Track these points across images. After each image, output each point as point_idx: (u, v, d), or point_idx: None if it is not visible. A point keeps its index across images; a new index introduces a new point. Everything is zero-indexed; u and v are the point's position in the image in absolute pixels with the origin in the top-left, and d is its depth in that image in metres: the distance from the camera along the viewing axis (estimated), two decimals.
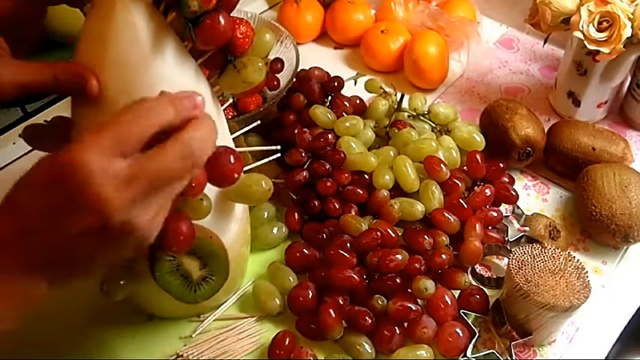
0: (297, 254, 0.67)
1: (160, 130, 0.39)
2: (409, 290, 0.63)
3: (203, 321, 0.63)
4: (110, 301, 0.53)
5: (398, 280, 0.62)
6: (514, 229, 0.72)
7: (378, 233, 0.65)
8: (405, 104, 0.81)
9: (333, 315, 0.60)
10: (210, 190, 0.50)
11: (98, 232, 0.37)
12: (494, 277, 0.68)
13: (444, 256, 0.65)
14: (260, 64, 0.52)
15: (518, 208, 0.73)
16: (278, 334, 0.60)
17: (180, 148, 0.39)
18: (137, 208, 0.37)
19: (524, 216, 0.73)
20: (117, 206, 0.36)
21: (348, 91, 0.84)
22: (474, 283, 0.66)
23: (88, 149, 0.36)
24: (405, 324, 0.62)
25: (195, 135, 0.40)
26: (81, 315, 0.64)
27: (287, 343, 0.60)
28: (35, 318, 0.64)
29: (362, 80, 0.85)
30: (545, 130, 0.78)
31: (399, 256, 0.63)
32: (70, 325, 0.63)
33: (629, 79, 0.85)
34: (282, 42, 0.86)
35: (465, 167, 0.75)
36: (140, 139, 0.38)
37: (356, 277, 0.62)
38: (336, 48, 1.02)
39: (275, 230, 0.70)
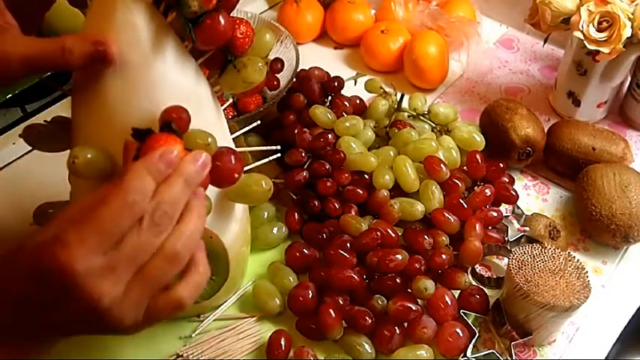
0: (297, 254, 0.67)
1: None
2: (409, 290, 0.63)
3: (203, 321, 0.63)
4: None
5: (398, 280, 0.62)
6: (514, 229, 0.72)
7: (378, 233, 0.65)
8: (405, 104, 0.81)
9: (333, 315, 0.60)
10: (210, 190, 0.50)
11: (84, 316, 0.38)
12: (494, 277, 0.68)
13: (444, 256, 0.65)
14: (260, 64, 0.52)
15: (518, 208, 0.73)
16: (273, 333, 0.61)
17: (152, 222, 0.38)
18: (126, 300, 0.38)
19: (524, 216, 0.73)
20: (103, 295, 0.37)
21: (348, 91, 0.84)
22: (474, 283, 0.66)
23: (72, 254, 0.36)
24: (405, 324, 0.62)
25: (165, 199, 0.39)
26: None
27: (283, 342, 0.60)
28: None
29: (362, 80, 0.85)
30: (545, 130, 0.78)
31: (399, 256, 0.63)
32: None
33: (629, 79, 0.85)
34: (282, 42, 0.86)
35: (465, 167, 0.75)
36: (123, 231, 0.37)
37: (356, 277, 0.62)
38: (336, 48, 1.02)
39: (275, 230, 0.70)
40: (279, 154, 0.62)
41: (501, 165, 0.74)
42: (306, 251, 0.67)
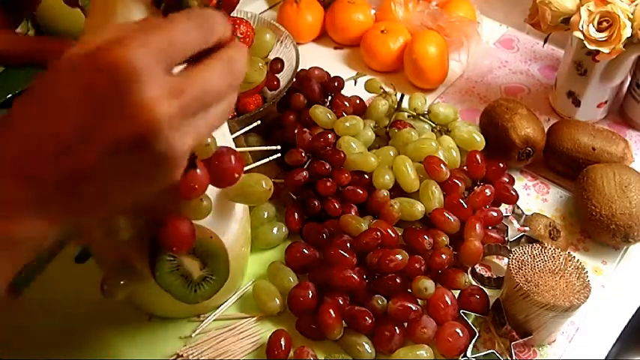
0: (297, 254, 0.67)
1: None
2: (409, 290, 0.63)
3: (203, 321, 0.63)
4: (110, 301, 0.53)
5: (398, 280, 0.62)
6: (514, 229, 0.72)
7: (378, 233, 0.65)
8: (405, 104, 0.81)
9: (333, 315, 0.60)
10: (211, 190, 0.50)
11: (135, 149, 0.31)
12: (494, 277, 0.68)
13: (444, 256, 0.65)
14: (260, 64, 0.53)
15: (518, 208, 0.73)
16: (273, 333, 0.61)
17: (222, 66, 0.34)
18: (181, 128, 0.32)
19: (524, 216, 0.73)
20: (165, 117, 0.31)
21: (348, 91, 0.84)
22: (474, 283, 0.66)
23: (135, 48, 0.30)
24: (405, 324, 0.62)
25: (235, 55, 0.35)
26: (81, 315, 0.64)
27: (283, 342, 0.60)
28: (36, 317, 0.64)
29: (362, 80, 0.85)
30: (545, 130, 0.78)
31: (399, 256, 0.63)
32: (71, 324, 0.63)
33: (629, 79, 0.85)
34: (282, 42, 0.86)
35: (465, 167, 0.75)
36: (191, 50, 0.33)
37: (356, 277, 0.62)
38: (336, 48, 1.02)
39: (275, 230, 0.70)
40: (279, 154, 0.62)
41: (501, 165, 0.74)
42: (306, 251, 0.67)
